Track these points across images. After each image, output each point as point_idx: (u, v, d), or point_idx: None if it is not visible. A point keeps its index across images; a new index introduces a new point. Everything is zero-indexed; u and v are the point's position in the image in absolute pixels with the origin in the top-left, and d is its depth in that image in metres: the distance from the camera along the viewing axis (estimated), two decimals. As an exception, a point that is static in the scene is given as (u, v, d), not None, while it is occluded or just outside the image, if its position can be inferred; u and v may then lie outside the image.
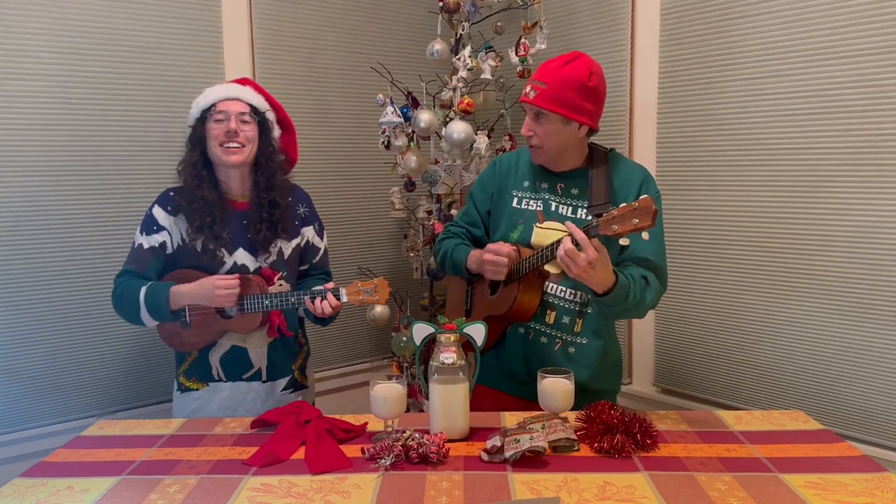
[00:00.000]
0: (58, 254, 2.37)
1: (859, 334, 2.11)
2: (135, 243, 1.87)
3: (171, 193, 1.89)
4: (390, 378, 1.52)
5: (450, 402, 1.52)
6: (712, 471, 1.37)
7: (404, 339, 2.72)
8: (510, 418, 1.67)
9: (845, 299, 2.13)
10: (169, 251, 1.87)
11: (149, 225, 1.86)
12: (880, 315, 2.06)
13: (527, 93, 1.74)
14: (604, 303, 1.63)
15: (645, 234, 1.52)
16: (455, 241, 1.97)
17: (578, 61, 1.71)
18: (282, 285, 1.92)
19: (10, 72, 2.24)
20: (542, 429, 1.46)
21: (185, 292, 1.79)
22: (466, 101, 2.63)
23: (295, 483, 1.35)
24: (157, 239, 1.86)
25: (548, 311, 1.80)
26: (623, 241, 1.53)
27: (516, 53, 2.66)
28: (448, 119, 2.66)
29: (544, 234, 1.76)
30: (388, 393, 1.48)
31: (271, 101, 1.97)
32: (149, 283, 1.81)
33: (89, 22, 2.36)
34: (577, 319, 1.79)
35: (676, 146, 2.52)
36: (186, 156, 1.87)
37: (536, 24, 2.64)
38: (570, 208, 1.80)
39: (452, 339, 1.53)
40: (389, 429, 1.52)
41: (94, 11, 2.37)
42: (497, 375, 1.89)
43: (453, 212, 2.77)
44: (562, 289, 1.79)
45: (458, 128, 2.58)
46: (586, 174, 1.80)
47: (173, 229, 1.87)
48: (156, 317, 1.81)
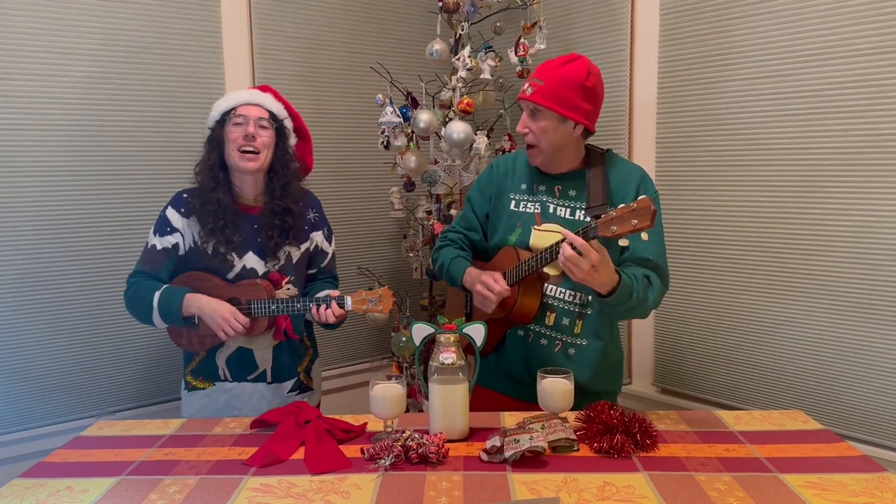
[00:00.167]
0: (57, 254, 2.36)
1: (858, 334, 2.11)
2: (148, 244, 1.90)
3: (185, 196, 1.91)
4: (390, 378, 1.52)
5: (449, 403, 1.52)
6: (712, 471, 1.37)
7: (404, 339, 2.72)
8: (510, 418, 1.67)
9: (844, 299, 2.14)
10: (181, 253, 1.89)
11: (162, 226, 1.89)
12: (879, 315, 2.06)
13: (524, 90, 1.75)
14: (608, 303, 1.63)
15: (644, 235, 1.52)
16: (452, 250, 1.95)
17: (578, 62, 1.73)
18: (289, 289, 1.94)
19: (8, 72, 2.24)
20: (542, 429, 1.46)
21: (197, 305, 1.81)
22: (466, 101, 2.63)
23: (294, 483, 1.35)
24: (170, 240, 1.88)
25: (547, 313, 1.80)
26: (622, 242, 1.52)
27: (516, 53, 2.66)
28: (447, 119, 2.66)
29: (543, 237, 1.76)
30: (387, 393, 1.48)
31: (290, 109, 2.00)
32: (163, 288, 1.83)
33: (88, 22, 2.36)
34: (576, 321, 1.79)
35: (676, 146, 2.52)
36: (204, 157, 1.90)
37: (536, 24, 2.64)
38: (567, 210, 1.80)
39: (452, 339, 1.53)
40: (389, 429, 1.52)
41: (92, 11, 2.37)
42: (497, 377, 1.89)
43: (453, 212, 2.77)
44: (561, 290, 1.79)
45: (458, 128, 2.58)
46: (583, 176, 1.80)
47: (186, 231, 1.89)
48: (167, 321, 1.84)
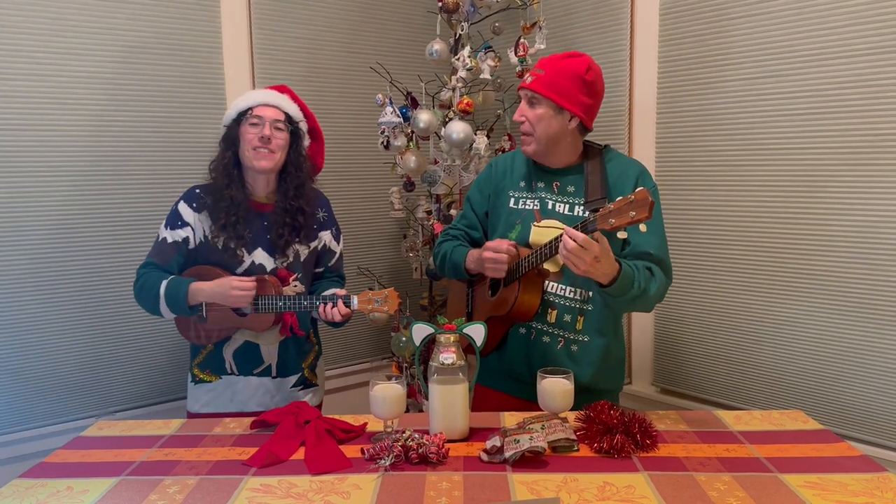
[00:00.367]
0: (57, 254, 2.36)
1: (858, 334, 2.11)
2: (159, 237, 1.92)
3: (198, 191, 1.94)
4: (390, 378, 1.52)
5: (449, 403, 1.52)
6: (712, 471, 1.37)
7: (404, 339, 2.72)
8: (510, 418, 1.67)
9: (844, 299, 2.14)
10: (191, 246, 1.92)
11: (174, 220, 1.91)
12: (879, 315, 2.06)
13: (525, 79, 1.79)
14: (609, 293, 1.64)
15: (643, 227, 1.52)
16: (454, 243, 1.97)
17: (580, 57, 1.76)
18: (296, 286, 1.97)
19: (6, 72, 2.23)
20: (542, 429, 1.46)
21: (203, 290, 1.84)
22: (465, 101, 2.63)
23: (294, 483, 1.35)
24: (181, 234, 1.90)
25: (549, 311, 1.80)
26: (621, 235, 1.52)
27: (515, 53, 2.66)
28: (447, 119, 2.66)
29: (542, 233, 1.76)
30: (387, 393, 1.48)
31: (305, 110, 2.01)
32: (170, 277, 1.86)
33: (88, 22, 2.36)
34: (578, 317, 1.79)
35: (676, 146, 2.52)
36: (219, 155, 1.92)
37: (535, 24, 2.64)
38: (566, 206, 1.80)
39: (452, 339, 1.53)
40: (389, 429, 1.52)
41: (92, 11, 2.36)
42: (499, 376, 1.89)
43: (453, 212, 2.77)
44: (562, 287, 1.79)
45: (458, 128, 2.58)
46: (581, 171, 1.80)
47: (197, 226, 1.91)
48: (174, 310, 1.86)
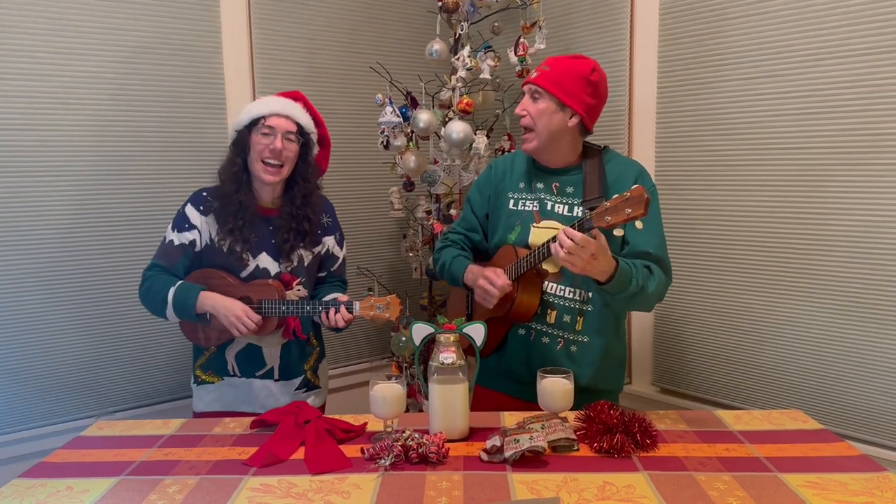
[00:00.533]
0: (56, 254, 2.36)
1: (858, 333, 2.11)
2: (165, 239, 1.93)
3: (205, 194, 1.95)
4: (390, 378, 1.52)
5: (449, 402, 1.52)
6: (712, 470, 1.37)
7: (403, 339, 2.72)
8: (510, 418, 1.67)
9: (844, 298, 2.14)
10: (197, 249, 1.93)
11: (181, 223, 1.92)
12: (879, 314, 2.06)
13: (530, 75, 1.81)
14: (607, 291, 1.64)
15: (639, 224, 1.52)
16: (453, 250, 1.97)
17: (586, 59, 1.79)
18: (299, 290, 1.97)
19: (7, 72, 2.23)
20: (542, 429, 1.46)
21: (210, 303, 1.84)
22: (465, 101, 2.63)
23: (294, 483, 1.35)
24: (188, 237, 1.91)
25: (548, 311, 1.80)
26: (618, 233, 1.53)
27: (515, 53, 2.66)
28: (447, 119, 2.66)
29: (541, 234, 1.76)
30: (387, 393, 1.48)
31: (317, 117, 2.01)
32: (178, 283, 1.87)
33: (88, 22, 2.36)
34: (577, 317, 1.79)
35: (675, 146, 2.52)
36: (229, 160, 1.92)
37: (535, 23, 2.64)
38: (566, 207, 1.81)
39: (452, 339, 1.53)
40: (389, 429, 1.52)
41: (92, 11, 2.36)
42: (498, 377, 1.89)
43: (452, 212, 2.77)
44: (561, 288, 1.80)
45: (457, 128, 2.58)
46: (580, 172, 1.81)
47: (203, 229, 1.92)
48: (181, 316, 1.87)
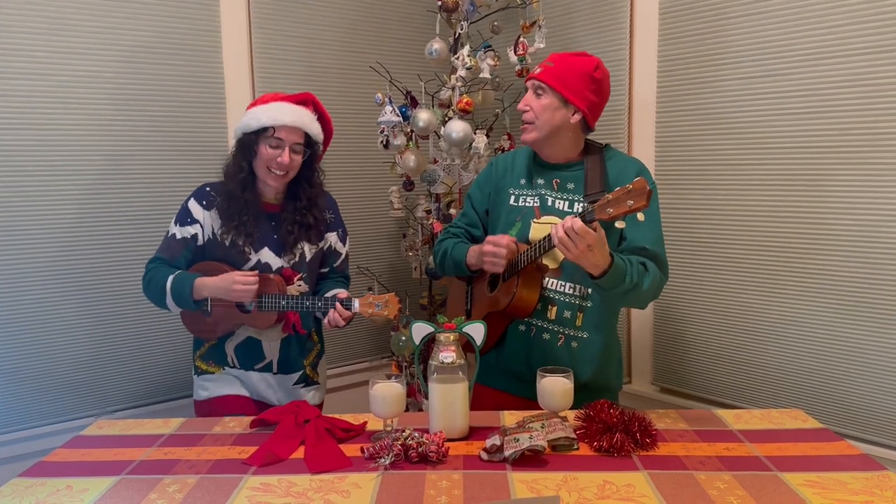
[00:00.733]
0: (55, 253, 2.36)
1: (858, 333, 2.11)
2: (168, 232, 1.95)
3: (208, 189, 1.96)
4: (389, 377, 1.53)
5: (449, 402, 1.52)
6: (711, 469, 1.37)
7: (403, 338, 2.72)
8: (509, 417, 1.67)
9: (843, 297, 2.14)
10: (200, 243, 1.94)
11: (184, 217, 1.93)
12: (879, 313, 2.06)
13: (533, 70, 1.82)
14: (601, 286, 1.65)
15: (640, 216, 1.53)
16: (454, 240, 1.98)
17: (591, 57, 1.80)
18: (301, 286, 1.98)
19: (6, 71, 2.23)
20: (542, 428, 1.46)
21: (207, 285, 1.86)
22: (465, 101, 2.63)
23: (294, 482, 1.35)
24: (190, 231, 1.92)
25: (549, 307, 1.80)
26: (619, 224, 1.53)
27: (515, 52, 2.66)
28: (447, 118, 2.66)
29: (542, 230, 1.76)
30: (387, 392, 1.48)
31: (325, 116, 2.01)
32: (176, 273, 1.88)
33: (88, 21, 2.36)
34: (577, 313, 1.80)
35: (675, 145, 2.52)
36: (235, 163, 1.91)
37: (535, 23, 2.64)
38: (566, 203, 1.81)
39: (452, 338, 1.53)
40: (389, 428, 1.52)
41: (92, 11, 2.36)
42: (498, 375, 1.89)
43: (452, 211, 2.76)
44: (561, 283, 1.80)
45: (457, 127, 2.58)
46: (581, 168, 1.82)
47: (206, 223, 1.93)
48: (180, 304, 1.88)
